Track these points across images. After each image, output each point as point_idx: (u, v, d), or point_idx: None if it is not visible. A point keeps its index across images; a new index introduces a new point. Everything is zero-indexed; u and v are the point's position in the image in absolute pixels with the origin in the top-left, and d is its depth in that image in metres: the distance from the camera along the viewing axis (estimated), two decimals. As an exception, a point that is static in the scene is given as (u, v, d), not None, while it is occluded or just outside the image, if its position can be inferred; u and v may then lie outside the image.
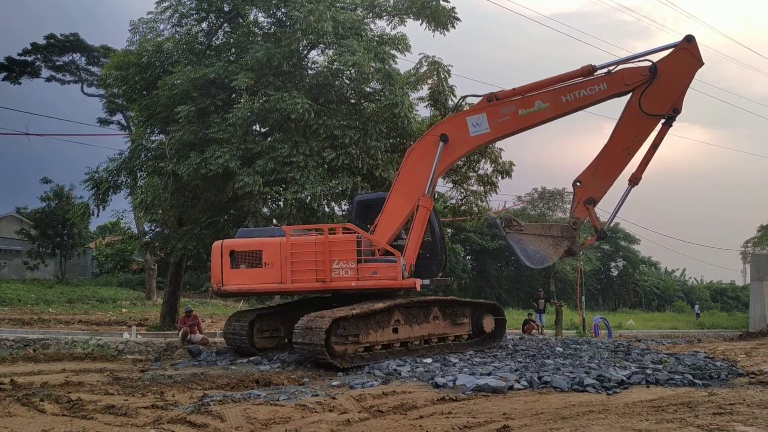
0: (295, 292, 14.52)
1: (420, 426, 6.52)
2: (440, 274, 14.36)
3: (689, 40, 13.14)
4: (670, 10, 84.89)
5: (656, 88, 13.10)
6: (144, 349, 16.01)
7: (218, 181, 16.58)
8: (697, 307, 46.47)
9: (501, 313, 15.13)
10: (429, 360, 11.93)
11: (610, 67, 13.32)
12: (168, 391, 8.72)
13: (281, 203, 21.22)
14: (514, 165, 20.21)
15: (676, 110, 13.14)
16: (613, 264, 50.87)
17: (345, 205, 19.95)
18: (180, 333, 15.77)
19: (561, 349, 14.46)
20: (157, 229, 21.05)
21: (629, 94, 13.31)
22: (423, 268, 13.58)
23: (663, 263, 61.16)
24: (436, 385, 9.23)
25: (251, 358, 12.56)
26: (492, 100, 13.44)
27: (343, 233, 13.29)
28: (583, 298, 35.11)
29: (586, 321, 27.43)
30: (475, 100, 13.74)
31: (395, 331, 12.71)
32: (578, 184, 13.52)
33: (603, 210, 14.21)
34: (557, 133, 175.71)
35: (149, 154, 18.45)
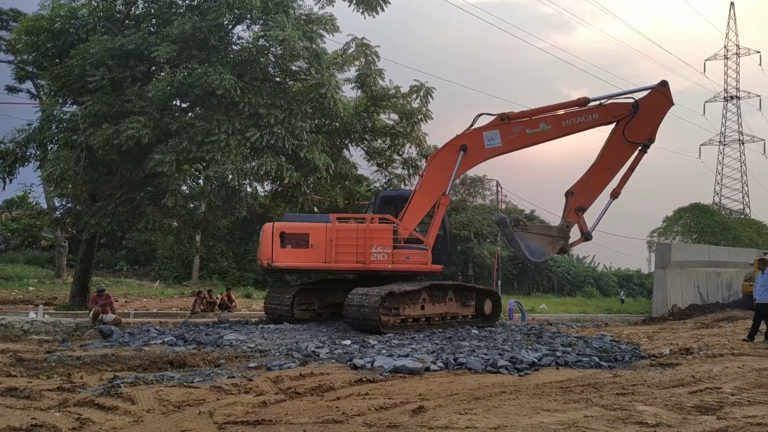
0: (337, 271, 16.46)
1: (337, 407, 6.55)
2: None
3: (664, 84, 16.19)
4: (590, 5, 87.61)
5: (637, 121, 16.10)
6: (51, 330, 15.28)
7: (134, 156, 15.96)
8: (623, 293, 48.67)
9: (498, 299, 17.80)
10: (348, 342, 12.01)
11: (602, 101, 16.27)
12: (76, 372, 8.39)
13: (201, 182, 20.74)
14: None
15: (651, 140, 16.31)
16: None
17: (268, 185, 19.68)
18: (91, 313, 15.21)
19: (476, 332, 14.85)
20: (69, 205, 20.14)
21: (614, 124, 16.20)
22: (435, 257, 16.13)
23: (575, 251, 63.69)
24: (354, 367, 9.30)
25: (166, 339, 12.27)
26: (504, 119, 15.94)
27: (379, 223, 15.68)
28: (500, 282, 36.15)
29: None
30: (489, 118, 16.10)
31: (422, 308, 15.32)
32: (571, 194, 16.42)
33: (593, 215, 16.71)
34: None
35: (61, 126, 17.56)
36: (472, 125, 16.30)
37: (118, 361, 9.49)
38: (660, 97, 16.35)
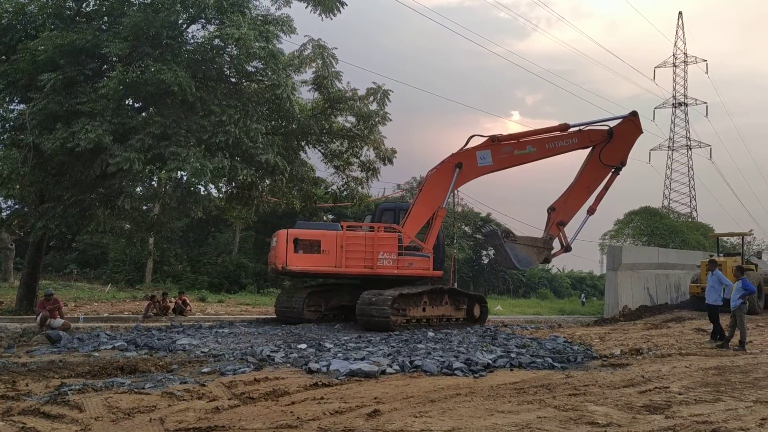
0: (347, 275, 17.65)
1: (291, 412, 6.49)
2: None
3: (634, 114, 18.43)
4: (543, 11, 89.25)
5: (611, 146, 18.17)
6: (-4, 335, 14.77)
7: (86, 157, 15.53)
8: (583, 296, 49.54)
9: (485, 303, 19.41)
10: (303, 345, 11.93)
11: (581, 127, 18.22)
12: (21, 380, 8.13)
13: (155, 183, 20.31)
14: (396, 152, 20.55)
15: (623, 163, 18.47)
16: (484, 252, 53.02)
17: (223, 186, 19.40)
18: (38, 318, 14.73)
19: (432, 334, 14.92)
20: (15, 206, 19.48)
21: (591, 148, 18.26)
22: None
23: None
24: (310, 371, 9.24)
25: (116, 344, 11.98)
26: (495, 140, 17.73)
27: (385, 232, 17.30)
28: (456, 284, 36.41)
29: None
30: (480, 139, 17.99)
31: (424, 309, 17.17)
32: (552, 210, 18.47)
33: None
34: (432, 123, 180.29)
35: (7, 125, 16.97)
36: (465, 145, 17.96)
37: (66, 368, 9.23)
38: (631, 125, 18.35)
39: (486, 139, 17.86)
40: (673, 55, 76.13)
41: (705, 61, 76.03)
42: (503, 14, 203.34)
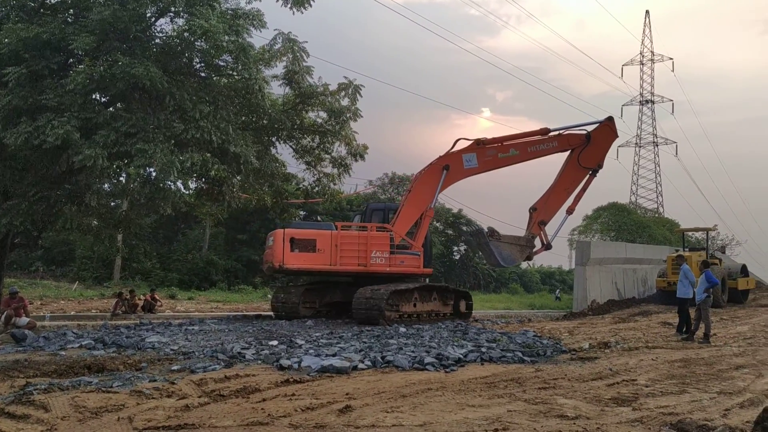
0: (341, 273, 18.38)
1: (262, 409, 6.46)
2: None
3: (610, 119, 19.50)
4: (513, 8, 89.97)
5: (589, 149, 19.08)
6: (-42, 335, 14.44)
7: (51, 152, 15.21)
8: (557, 291, 50.03)
9: (470, 299, 20.22)
10: (275, 342, 11.88)
11: (560, 131, 19.17)
12: (-15, 380, 7.96)
13: (123, 179, 19.99)
14: (368, 148, 20.49)
15: (600, 165, 19.41)
16: (455, 248, 53.28)
17: (193, 183, 19.18)
18: (3, 316, 14.45)
19: (404, 329, 14.97)
20: (-22, 203, 19.00)
21: (570, 152, 19.21)
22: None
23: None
24: (281, 368, 9.20)
25: (83, 343, 11.78)
26: (480, 144, 18.65)
27: (377, 231, 18.10)
28: (427, 279, 36.50)
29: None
30: (466, 143, 18.87)
31: (414, 305, 17.91)
32: (534, 210, 19.33)
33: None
34: (404, 119, 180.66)
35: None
36: (452, 148, 18.77)
37: (32, 367, 9.05)
38: (607, 129, 19.37)
39: (471, 142, 18.71)
40: (641, 53, 77.44)
41: (671, 59, 77.50)
42: (474, 11, 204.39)
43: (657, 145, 75.80)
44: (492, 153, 18.80)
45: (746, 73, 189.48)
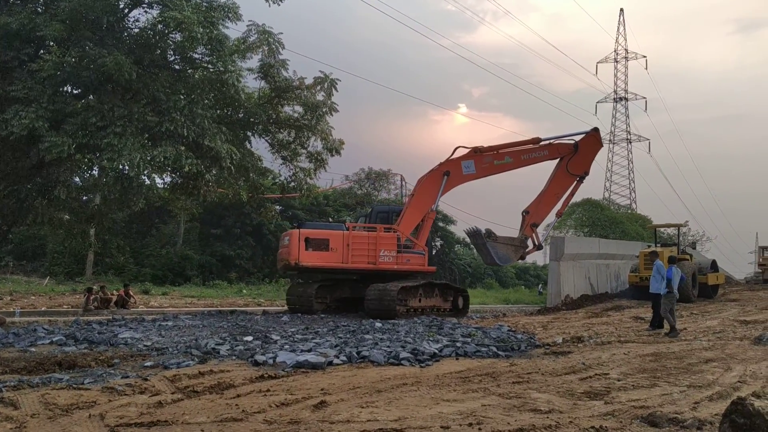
0: (352, 270, 19.99)
1: (236, 405, 6.42)
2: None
3: (596, 130, 21.29)
4: (490, 4, 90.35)
5: (576, 158, 20.71)
6: (-76, 331, 14.12)
7: (21, 145, 14.90)
8: (540, 286, 50.37)
9: (467, 296, 21.64)
10: (250, 338, 11.81)
11: (551, 141, 20.78)
12: (-48, 377, 7.80)
13: (95, 173, 19.66)
14: (344, 143, 20.41)
15: (586, 173, 21.09)
16: (432, 244, 53.48)
17: (167, 177, 18.92)
18: (-30, 312, 14.17)
19: (380, 324, 14.98)
20: (-55, 197, 18.58)
21: (559, 160, 20.75)
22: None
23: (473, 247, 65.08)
24: (256, 363, 9.15)
25: (54, 339, 11.60)
26: (477, 151, 20.23)
27: (385, 232, 19.77)
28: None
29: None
30: (464, 150, 20.43)
31: (419, 300, 19.51)
32: (526, 213, 20.82)
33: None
34: (381, 114, 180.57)
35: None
36: (452, 155, 20.27)
37: (1, 364, 8.89)
38: (593, 139, 21.13)
39: (470, 150, 20.25)
40: (615, 50, 78.24)
41: (645, 57, 78.42)
42: (450, 6, 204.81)
43: (630, 142, 76.80)
44: (488, 160, 20.30)
45: (718, 71, 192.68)
